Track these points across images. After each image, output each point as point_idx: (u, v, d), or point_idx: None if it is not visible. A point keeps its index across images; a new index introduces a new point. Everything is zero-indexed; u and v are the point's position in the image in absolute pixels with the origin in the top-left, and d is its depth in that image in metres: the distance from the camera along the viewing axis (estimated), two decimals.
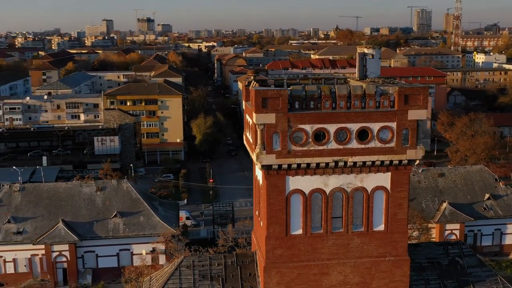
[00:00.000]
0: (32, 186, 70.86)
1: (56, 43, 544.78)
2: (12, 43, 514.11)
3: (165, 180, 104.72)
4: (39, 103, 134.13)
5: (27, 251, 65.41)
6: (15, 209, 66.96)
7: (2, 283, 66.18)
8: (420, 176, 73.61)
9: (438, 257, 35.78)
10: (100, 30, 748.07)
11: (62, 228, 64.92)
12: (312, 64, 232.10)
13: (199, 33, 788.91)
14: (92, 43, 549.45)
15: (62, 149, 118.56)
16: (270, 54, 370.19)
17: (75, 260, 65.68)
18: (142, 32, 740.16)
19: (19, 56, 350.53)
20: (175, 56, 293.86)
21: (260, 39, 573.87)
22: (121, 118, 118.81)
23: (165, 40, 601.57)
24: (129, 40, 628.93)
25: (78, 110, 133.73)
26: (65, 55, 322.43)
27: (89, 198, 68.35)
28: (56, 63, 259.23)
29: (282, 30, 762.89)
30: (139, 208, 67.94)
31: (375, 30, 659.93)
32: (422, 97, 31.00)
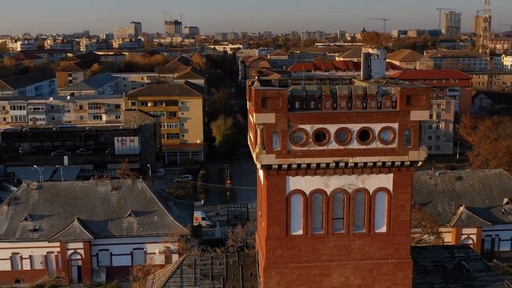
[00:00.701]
0: (49, 184, 72.07)
1: (84, 45, 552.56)
2: (42, 45, 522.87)
3: (183, 181, 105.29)
4: (62, 103, 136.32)
5: (43, 248, 66.48)
6: (32, 207, 68.14)
7: (18, 279, 67.39)
8: (437, 179, 72.63)
9: (443, 260, 35.24)
10: (128, 33, 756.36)
11: (77, 226, 65.81)
12: (335, 66, 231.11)
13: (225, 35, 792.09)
14: (119, 45, 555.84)
15: (84, 149, 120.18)
16: (295, 57, 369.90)
17: (90, 258, 66.52)
18: (169, 35, 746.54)
19: (47, 57, 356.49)
20: (199, 58, 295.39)
21: (286, 41, 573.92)
22: (141, 118, 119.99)
23: (191, 43, 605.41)
24: (156, 42, 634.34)
25: (100, 110, 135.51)
26: (92, 56, 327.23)
27: (104, 197, 69.18)
28: (82, 64, 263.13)
29: (308, 33, 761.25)
30: (153, 207, 68.48)
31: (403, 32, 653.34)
32: (425, 97, 30.52)
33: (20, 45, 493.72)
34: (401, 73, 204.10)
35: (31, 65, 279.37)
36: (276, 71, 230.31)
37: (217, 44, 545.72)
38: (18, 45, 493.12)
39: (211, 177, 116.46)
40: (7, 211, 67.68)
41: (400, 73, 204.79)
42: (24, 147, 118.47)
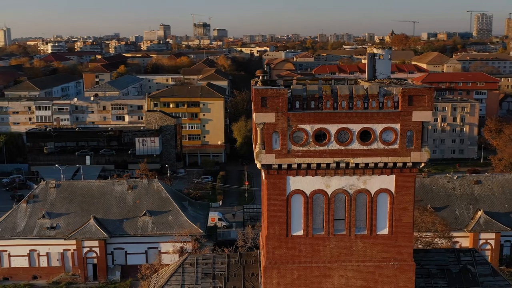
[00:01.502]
0: (67, 183, 73.24)
1: (113, 47, 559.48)
2: (72, 47, 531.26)
3: (202, 182, 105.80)
4: (86, 104, 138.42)
5: (59, 245, 67.56)
6: (50, 205, 69.31)
7: (36, 275, 68.55)
8: (455, 183, 71.48)
9: (449, 264, 34.65)
10: (158, 35, 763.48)
11: (93, 225, 66.68)
12: (360, 69, 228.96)
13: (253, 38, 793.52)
14: (148, 47, 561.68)
15: (107, 149, 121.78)
16: (321, 59, 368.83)
17: (105, 256, 67.31)
18: (197, 37, 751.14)
19: (77, 59, 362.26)
20: (224, 60, 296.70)
21: (314, 44, 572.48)
22: (162, 119, 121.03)
23: (218, 45, 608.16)
24: (184, 44, 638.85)
25: (123, 111, 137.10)
26: (120, 58, 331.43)
27: (120, 196, 69.97)
28: (109, 66, 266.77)
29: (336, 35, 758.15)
30: (168, 207, 68.98)
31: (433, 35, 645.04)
32: (427, 98, 30.06)
33: (50, 47, 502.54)
34: (426, 75, 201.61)
35: (59, 66, 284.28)
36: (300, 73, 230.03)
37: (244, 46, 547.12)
38: (49, 47, 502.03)
39: (231, 179, 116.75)
40: (25, 209, 68.98)
41: (425, 75, 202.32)
42: (49, 147, 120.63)
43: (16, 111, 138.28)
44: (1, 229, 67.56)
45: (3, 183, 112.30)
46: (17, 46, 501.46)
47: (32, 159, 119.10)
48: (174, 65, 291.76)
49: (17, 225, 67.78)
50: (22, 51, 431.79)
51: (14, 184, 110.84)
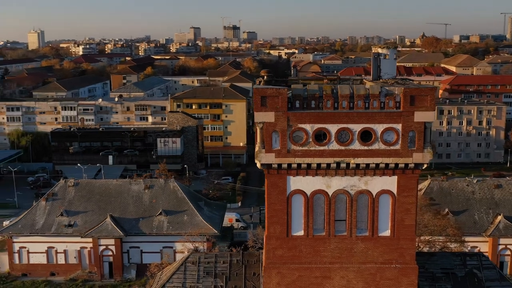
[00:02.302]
0: (86, 182, 74.33)
1: (143, 49, 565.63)
2: (103, 49, 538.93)
3: (221, 183, 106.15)
4: (110, 105, 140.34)
5: (77, 243, 68.56)
6: (68, 203, 70.43)
7: (53, 272, 69.69)
8: (474, 187, 70.13)
9: (454, 268, 34.02)
10: (188, 38, 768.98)
11: (109, 223, 67.50)
12: None
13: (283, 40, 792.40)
14: (177, 50, 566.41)
15: (131, 150, 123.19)
16: (350, 61, 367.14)
17: (121, 254, 68.04)
18: (227, 39, 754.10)
19: (107, 61, 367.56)
20: (250, 62, 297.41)
21: (343, 46, 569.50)
22: (184, 120, 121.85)
23: (247, 47, 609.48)
24: (213, 47, 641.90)
25: (146, 112, 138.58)
26: (148, 60, 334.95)
27: (137, 196, 70.68)
28: (137, 67, 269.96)
29: (366, 38, 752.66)
30: (183, 207, 69.41)
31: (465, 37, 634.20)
32: (430, 98, 29.63)
33: (82, 49, 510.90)
34: (453, 78, 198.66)
35: (88, 68, 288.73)
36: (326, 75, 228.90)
37: (273, 49, 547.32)
38: (80, 49, 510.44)
39: (252, 180, 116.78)
40: (44, 206, 70.23)
41: (452, 78, 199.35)
42: (74, 146, 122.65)
43: (43, 111, 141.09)
44: (21, 226, 68.95)
45: (28, 182, 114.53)
46: (50, 48, 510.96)
47: (56, 158, 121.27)
48: (201, 67, 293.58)
49: (36, 222, 69.09)
50: (55, 53, 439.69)
51: (38, 182, 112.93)
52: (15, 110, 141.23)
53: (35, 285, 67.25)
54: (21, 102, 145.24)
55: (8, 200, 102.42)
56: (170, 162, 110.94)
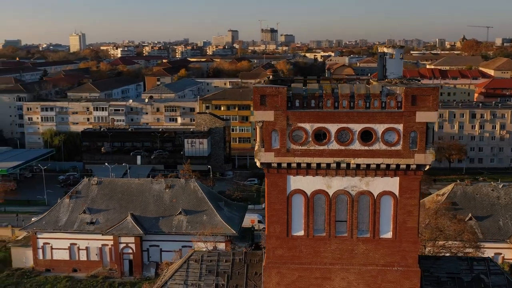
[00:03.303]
0: (108, 180, 75.60)
1: (180, 52, 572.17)
2: (141, 52, 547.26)
3: (245, 184, 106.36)
4: (140, 105, 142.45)
5: (98, 240, 69.73)
6: (91, 201, 71.75)
7: (75, 268, 71.06)
8: (500, 192, 68.33)
9: (460, 272, 33.22)
10: (226, 40, 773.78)
11: (130, 221, 68.46)
12: (421, 74, 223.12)
13: (320, 43, 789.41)
14: (213, 52, 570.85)
15: (161, 150, 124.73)
16: None
17: (140, 252, 68.89)
18: (264, 42, 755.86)
19: (144, 63, 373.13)
20: (284, 64, 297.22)
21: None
22: (211, 122, 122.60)
23: (284, 50, 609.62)
24: (250, 49, 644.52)
25: (176, 113, 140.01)
26: (183, 63, 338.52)
27: (157, 195, 71.49)
28: (171, 70, 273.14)
29: (405, 41, 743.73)
30: (203, 207, 69.84)
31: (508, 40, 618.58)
32: (432, 98, 29.08)
33: (120, 51, 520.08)
34: (489, 81, 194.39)
35: (124, 70, 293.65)
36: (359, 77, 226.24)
37: (310, 52, 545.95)
38: (119, 52, 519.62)
39: None
40: (68, 204, 71.72)
41: (488, 81, 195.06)
42: (106, 146, 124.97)
43: (76, 112, 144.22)
44: (45, 222, 70.59)
45: (59, 180, 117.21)
46: (90, 50, 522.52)
47: (86, 157, 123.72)
48: (235, 69, 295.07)
49: (60, 219, 70.61)
50: (94, 56, 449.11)
51: (68, 181, 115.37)
52: (49, 110, 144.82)
53: (57, 281, 68.67)
54: (55, 103, 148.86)
55: (39, 198, 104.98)
56: (197, 163, 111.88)
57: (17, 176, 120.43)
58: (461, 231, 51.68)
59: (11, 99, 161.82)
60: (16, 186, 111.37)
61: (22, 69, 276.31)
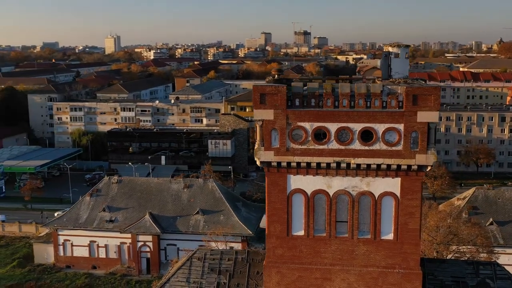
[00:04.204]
0: (128, 179, 76.58)
1: (212, 54, 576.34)
2: (173, 54, 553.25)
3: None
4: (166, 106, 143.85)
5: (117, 238, 70.73)
6: (111, 199, 72.83)
7: (95, 266, 72.18)
8: None
9: (465, 276, 32.52)
10: (259, 43, 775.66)
11: (148, 220, 69.23)
12: (452, 77, 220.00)
13: (353, 46, 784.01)
14: (245, 55, 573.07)
15: (187, 151, 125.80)
16: (419, 67, 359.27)
17: (158, 251, 69.58)
18: (296, 45, 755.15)
19: (176, 65, 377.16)
20: (313, 67, 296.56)
21: (415, 51, 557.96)
22: (235, 123, 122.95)
23: (316, 53, 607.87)
24: (282, 52, 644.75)
25: (201, 114, 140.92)
26: (214, 65, 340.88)
27: (176, 194, 72.12)
28: (201, 71, 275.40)
29: (440, 43, 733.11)
30: (220, 207, 70.16)
31: None
32: (434, 97, 28.60)
33: (153, 53, 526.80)
34: None
35: (155, 71, 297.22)
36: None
37: (342, 54, 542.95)
38: (152, 54, 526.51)
39: None
40: (89, 202, 72.96)
41: None
42: (133, 146, 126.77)
43: (103, 112, 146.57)
44: (66, 219, 71.97)
45: (85, 179, 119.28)
46: (124, 52, 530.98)
47: (112, 157, 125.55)
48: (264, 71, 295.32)
49: (80, 216, 71.87)
50: (128, 57, 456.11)
51: (94, 180, 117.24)
52: (77, 110, 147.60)
53: (76, 277, 69.91)
54: (84, 103, 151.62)
55: (64, 196, 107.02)
56: (221, 164, 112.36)
57: (45, 174, 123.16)
58: (475, 235, 50.63)
59: (43, 100, 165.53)
60: (44, 184, 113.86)
61: (57, 70, 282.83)
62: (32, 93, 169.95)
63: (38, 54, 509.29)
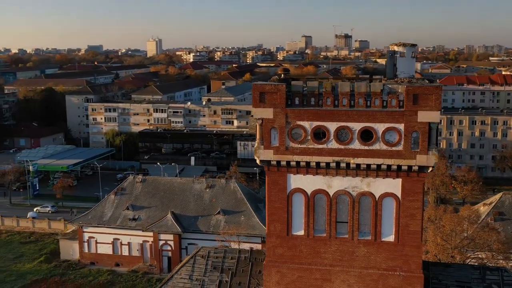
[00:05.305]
0: (152, 178, 77.61)
1: (251, 57, 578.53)
2: (212, 57, 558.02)
3: None
4: (198, 108, 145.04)
5: (139, 236, 71.74)
6: (135, 198, 73.94)
7: (118, 263, 73.35)
8: None
9: (471, 281, 31.67)
10: (299, 46, 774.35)
11: (169, 219, 69.96)
12: (492, 80, 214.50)
13: None
14: (283, 58, 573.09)
15: (218, 152, 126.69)
16: (461, 70, 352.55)
17: (179, 250, 70.20)
18: (337, 48, 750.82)
19: (215, 68, 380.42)
20: (349, 69, 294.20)
21: (458, 55, 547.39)
22: None
23: (356, 56, 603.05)
24: (322, 55, 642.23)
25: (232, 116, 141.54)
26: (251, 67, 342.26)
27: (198, 194, 72.67)
28: (237, 74, 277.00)
29: (485, 47, 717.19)
30: (241, 208, 70.32)
31: None
32: (435, 97, 28.03)
33: (192, 56, 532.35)
34: None
35: (192, 74, 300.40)
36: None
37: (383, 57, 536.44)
38: (191, 57, 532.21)
39: None
40: (113, 200, 74.25)
41: None
42: (165, 147, 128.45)
43: (137, 113, 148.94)
44: (90, 217, 73.42)
45: (117, 178, 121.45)
46: (165, 55, 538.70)
47: (143, 157, 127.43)
48: (300, 74, 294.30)
49: (104, 214, 73.20)
50: (168, 60, 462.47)
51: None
52: (112, 111, 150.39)
53: (99, 274, 71.20)
54: (118, 104, 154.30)
55: (96, 194, 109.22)
56: (248, 165, 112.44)
57: (78, 173, 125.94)
58: (492, 240, 49.11)
59: (80, 100, 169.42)
60: (76, 182, 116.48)
61: (97, 72, 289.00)
62: (70, 94, 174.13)
63: (82, 56, 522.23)
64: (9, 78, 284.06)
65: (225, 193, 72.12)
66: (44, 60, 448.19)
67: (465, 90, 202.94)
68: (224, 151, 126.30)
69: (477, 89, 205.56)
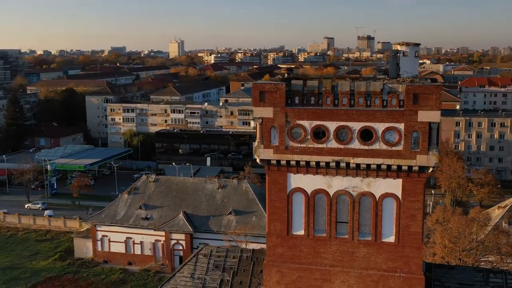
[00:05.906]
0: (165, 178, 78.10)
1: (272, 58, 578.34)
2: (233, 59, 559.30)
3: None
4: (215, 109, 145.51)
5: (152, 236, 72.22)
6: (148, 197, 74.47)
7: (130, 262, 73.94)
8: None
9: (474, 284, 31.20)
10: (322, 47, 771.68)
11: (181, 219, 70.31)
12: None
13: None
14: (304, 59, 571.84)
15: (235, 153, 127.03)
16: (484, 72, 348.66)
17: (190, 249, 70.45)
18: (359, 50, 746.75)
19: (236, 69, 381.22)
20: (369, 71, 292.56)
21: (482, 57, 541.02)
22: None
23: (378, 58, 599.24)
24: (343, 57, 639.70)
25: (249, 117, 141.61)
26: (271, 69, 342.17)
27: (210, 194, 72.92)
28: (256, 75, 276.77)
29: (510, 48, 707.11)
30: (253, 208, 70.35)
31: None
32: (435, 97, 27.75)
33: (213, 58, 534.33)
34: None
35: (212, 75, 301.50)
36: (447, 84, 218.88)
37: None
38: (212, 58, 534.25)
39: None
40: (126, 199, 74.90)
41: None
42: (182, 147, 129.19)
43: (154, 113, 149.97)
44: (104, 215, 74.14)
45: (134, 178, 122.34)
46: (186, 57, 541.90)
47: (160, 157, 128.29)
48: (320, 75, 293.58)
49: (117, 213, 73.87)
50: (190, 62, 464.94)
51: None
52: (130, 111, 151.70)
53: (112, 272, 71.85)
54: (136, 104, 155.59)
55: (112, 194, 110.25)
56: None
57: (96, 172, 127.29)
58: (501, 243, 48.30)
59: (99, 101, 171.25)
60: (94, 182, 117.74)
61: (118, 73, 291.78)
62: (90, 95, 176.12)
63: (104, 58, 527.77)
64: (32, 79, 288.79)
65: (237, 193, 72.26)
66: (68, 62, 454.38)
67: (486, 92, 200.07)
68: (241, 152, 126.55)
69: (499, 91, 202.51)
